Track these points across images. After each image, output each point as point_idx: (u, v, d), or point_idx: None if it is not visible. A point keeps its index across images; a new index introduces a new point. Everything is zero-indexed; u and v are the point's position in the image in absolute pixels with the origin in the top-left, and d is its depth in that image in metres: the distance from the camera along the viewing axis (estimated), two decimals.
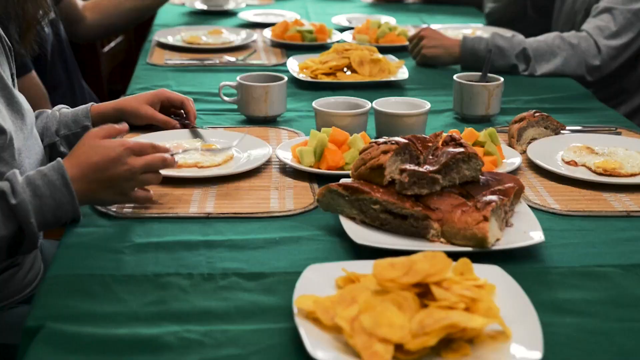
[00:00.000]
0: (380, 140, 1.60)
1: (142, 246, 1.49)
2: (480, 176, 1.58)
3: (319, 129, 2.01)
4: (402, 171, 1.51)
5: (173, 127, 2.02)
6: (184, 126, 2.04)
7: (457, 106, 2.20)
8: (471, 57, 2.61)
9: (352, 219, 1.54)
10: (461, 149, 1.57)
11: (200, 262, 1.44)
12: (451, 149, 1.58)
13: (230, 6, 3.41)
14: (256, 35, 2.99)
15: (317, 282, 1.31)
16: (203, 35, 2.96)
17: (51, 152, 1.96)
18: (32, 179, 1.50)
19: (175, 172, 1.76)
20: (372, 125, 2.07)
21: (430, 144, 1.64)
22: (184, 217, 1.61)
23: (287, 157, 1.85)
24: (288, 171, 1.83)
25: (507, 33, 2.84)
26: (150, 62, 2.70)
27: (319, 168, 1.80)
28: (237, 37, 2.96)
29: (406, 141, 1.59)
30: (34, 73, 2.55)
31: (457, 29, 3.13)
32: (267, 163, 1.86)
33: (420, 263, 1.22)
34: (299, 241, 1.52)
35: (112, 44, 3.75)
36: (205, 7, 3.41)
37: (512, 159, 1.86)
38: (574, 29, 2.92)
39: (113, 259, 1.44)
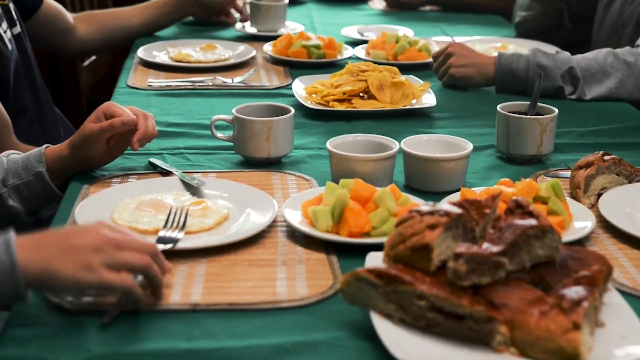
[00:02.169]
0: (424, 209, 1.20)
1: None
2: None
3: (334, 176, 1.62)
4: (458, 256, 1.11)
5: (123, 126, 1.65)
6: (163, 175, 1.65)
7: (501, 143, 1.80)
8: (508, 78, 2.22)
9: (388, 316, 1.15)
10: (532, 221, 1.18)
11: None
12: (519, 221, 1.18)
13: (285, 30, 2.81)
14: (255, 50, 2.58)
15: None
16: (194, 51, 2.54)
17: None
18: None
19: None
20: (399, 168, 1.67)
21: (487, 211, 1.24)
22: (162, 311, 1.21)
23: (297, 218, 1.45)
24: (298, 237, 1.44)
25: (548, 48, 2.43)
26: (131, 84, 2.30)
27: (339, 234, 1.40)
28: (233, 53, 2.55)
29: (459, 211, 1.19)
30: None
31: (485, 42, 2.72)
32: (272, 224, 1.47)
33: None
34: (317, 349, 1.13)
35: (93, 57, 3.34)
36: (255, 32, 2.81)
37: (582, 222, 1.45)
38: (622, 42, 2.52)
39: None
